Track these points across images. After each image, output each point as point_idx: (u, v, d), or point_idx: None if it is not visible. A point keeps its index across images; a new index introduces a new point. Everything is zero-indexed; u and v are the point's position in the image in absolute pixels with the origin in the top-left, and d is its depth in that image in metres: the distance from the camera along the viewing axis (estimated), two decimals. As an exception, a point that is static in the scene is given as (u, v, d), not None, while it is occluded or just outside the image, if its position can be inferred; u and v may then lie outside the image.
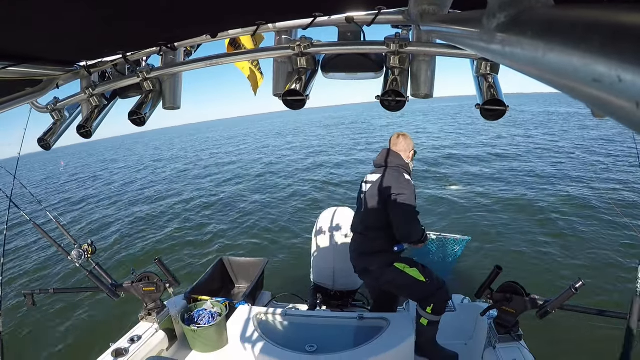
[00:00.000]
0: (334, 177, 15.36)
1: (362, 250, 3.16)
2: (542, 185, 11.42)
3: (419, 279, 2.94)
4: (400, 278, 2.99)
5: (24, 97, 1.73)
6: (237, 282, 4.77)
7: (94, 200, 16.21)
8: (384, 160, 3.13)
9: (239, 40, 2.51)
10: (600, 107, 0.26)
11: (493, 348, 2.73)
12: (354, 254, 3.27)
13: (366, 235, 3.14)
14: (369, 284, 3.50)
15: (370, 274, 3.14)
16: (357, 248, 3.24)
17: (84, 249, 3.11)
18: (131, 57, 1.79)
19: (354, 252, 3.27)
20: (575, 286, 2.50)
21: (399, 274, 2.98)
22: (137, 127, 1.89)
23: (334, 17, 1.56)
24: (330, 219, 4.22)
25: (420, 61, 1.64)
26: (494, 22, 0.47)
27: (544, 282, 5.80)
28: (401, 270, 2.98)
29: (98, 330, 5.62)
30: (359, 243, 3.22)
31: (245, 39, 2.47)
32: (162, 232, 10.28)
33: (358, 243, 3.24)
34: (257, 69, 3.12)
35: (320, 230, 4.18)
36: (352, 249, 3.31)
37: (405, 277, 2.97)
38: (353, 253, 3.28)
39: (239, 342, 2.93)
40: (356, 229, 3.28)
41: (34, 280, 8.14)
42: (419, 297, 3.03)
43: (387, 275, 3.03)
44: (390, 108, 1.59)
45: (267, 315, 3.19)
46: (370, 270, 3.10)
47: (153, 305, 3.24)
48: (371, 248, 3.09)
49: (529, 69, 0.37)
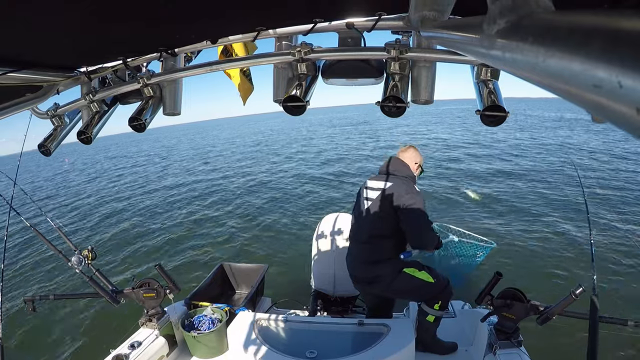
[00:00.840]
0: (336, 181, 15.36)
1: (371, 259, 3.07)
2: (543, 187, 11.43)
3: (428, 280, 2.99)
4: (411, 283, 3.00)
5: (24, 103, 1.73)
6: (237, 288, 4.76)
7: (95, 203, 16.20)
8: (390, 168, 3.11)
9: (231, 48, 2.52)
10: (600, 112, 0.26)
11: (493, 354, 2.72)
12: (357, 264, 3.18)
13: (373, 243, 3.07)
14: (371, 292, 3.36)
15: (380, 281, 3.06)
16: (362, 257, 3.13)
17: (84, 254, 3.10)
18: (131, 63, 1.80)
19: (357, 261, 3.18)
20: (576, 292, 2.50)
21: (410, 279, 2.99)
22: (137, 132, 1.90)
23: (334, 23, 1.57)
24: (331, 224, 4.22)
25: (420, 67, 1.64)
26: (494, 27, 0.47)
27: (544, 288, 5.79)
28: (412, 276, 2.99)
29: (98, 336, 5.60)
30: (366, 251, 3.11)
31: (237, 47, 2.48)
32: (162, 238, 10.26)
33: (364, 252, 3.13)
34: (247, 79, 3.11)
35: (321, 236, 4.17)
36: (354, 259, 3.22)
37: (415, 281, 2.99)
38: (356, 262, 3.19)
39: (240, 348, 2.92)
40: (359, 237, 3.18)
41: (35, 286, 8.13)
42: (427, 297, 3.06)
43: (398, 281, 3.00)
44: (391, 114, 1.59)
45: (267, 321, 3.18)
46: (382, 277, 3.04)
47: (153, 311, 3.23)
48: (380, 256, 3.04)
49: (529, 75, 0.37)
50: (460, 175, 14.45)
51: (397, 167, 3.10)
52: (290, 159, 23.34)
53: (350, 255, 3.27)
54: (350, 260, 3.27)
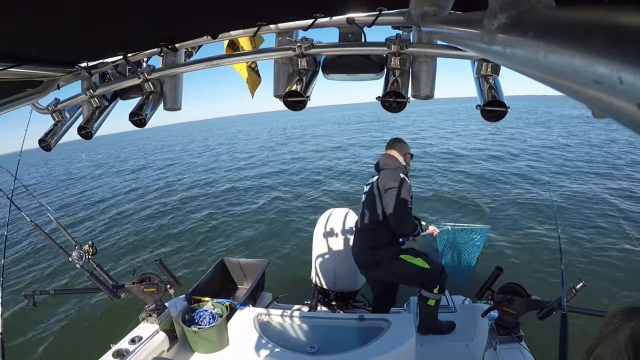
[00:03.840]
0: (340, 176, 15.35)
1: (371, 244, 3.34)
2: (543, 185, 11.40)
3: (424, 266, 3.27)
4: (407, 268, 3.28)
5: (24, 98, 1.73)
6: (238, 283, 4.76)
7: (97, 198, 16.21)
8: (381, 164, 3.42)
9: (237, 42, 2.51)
10: (601, 108, 0.26)
11: (494, 349, 2.73)
12: (360, 249, 3.45)
13: (373, 230, 3.32)
14: (376, 277, 3.61)
15: (381, 266, 3.32)
16: (364, 243, 3.42)
17: (84, 250, 3.10)
18: (132, 58, 1.79)
19: (361, 247, 3.45)
20: (576, 287, 2.51)
21: (406, 265, 3.27)
22: (138, 127, 1.90)
23: (334, 18, 1.57)
24: (332, 220, 4.22)
25: (421, 62, 1.64)
26: (494, 23, 0.47)
27: (545, 283, 5.79)
28: (407, 262, 3.27)
29: (99, 331, 5.60)
30: (367, 238, 3.40)
31: (243, 41, 2.47)
32: (163, 233, 10.27)
33: (365, 238, 3.42)
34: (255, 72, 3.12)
35: (322, 231, 4.17)
36: (358, 245, 3.50)
37: (411, 267, 3.27)
38: (359, 248, 3.46)
39: (240, 343, 2.93)
40: (362, 226, 3.47)
41: (35, 281, 8.14)
42: (425, 282, 3.32)
43: (396, 267, 3.28)
44: (391, 109, 1.59)
45: (268, 316, 3.19)
46: (382, 262, 3.30)
47: (154, 306, 3.25)
48: (380, 241, 3.29)
49: (530, 70, 0.37)
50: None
51: (386, 161, 3.42)
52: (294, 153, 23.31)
53: (356, 242, 3.55)
54: (356, 247, 3.54)
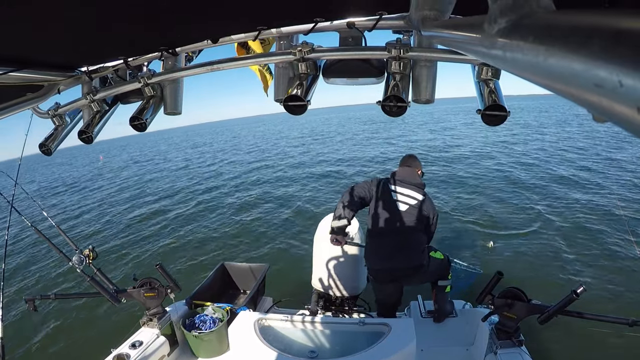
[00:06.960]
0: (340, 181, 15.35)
1: (413, 247, 3.45)
2: (545, 188, 11.40)
3: (441, 258, 3.61)
4: (436, 263, 3.55)
5: (25, 103, 1.73)
6: (238, 287, 4.76)
7: (98, 203, 16.22)
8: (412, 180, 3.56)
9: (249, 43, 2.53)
10: (601, 111, 0.26)
11: (494, 354, 2.72)
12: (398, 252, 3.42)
13: (411, 235, 3.47)
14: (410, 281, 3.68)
15: (421, 270, 3.45)
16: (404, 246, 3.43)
17: (85, 254, 3.10)
18: (132, 63, 1.80)
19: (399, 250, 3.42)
20: (577, 291, 2.49)
21: (435, 260, 3.54)
22: (138, 132, 1.90)
23: (335, 23, 1.57)
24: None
25: (421, 66, 1.64)
26: (495, 27, 0.47)
27: (545, 287, 5.78)
28: (435, 257, 3.56)
29: (99, 335, 5.61)
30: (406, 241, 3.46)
31: (253, 42, 2.48)
32: (163, 238, 10.27)
33: (404, 242, 3.45)
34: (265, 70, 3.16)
35: (322, 235, 4.16)
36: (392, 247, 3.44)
37: (438, 261, 3.57)
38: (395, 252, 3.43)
39: (241, 347, 2.92)
40: (393, 229, 3.49)
41: (36, 285, 8.14)
42: (444, 273, 3.65)
43: (431, 265, 3.50)
44: (392, 113, 1.59)
45: (268, 321, 3.18)
46: (423, 266, 3.44)
47: (154, 310, 3.24)
48: (421, 246, 3.49)
49: (530, 74, 0.37)
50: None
51: (416, 179, 3.59)
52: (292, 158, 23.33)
53: (384, 247, 3.48)
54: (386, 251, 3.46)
